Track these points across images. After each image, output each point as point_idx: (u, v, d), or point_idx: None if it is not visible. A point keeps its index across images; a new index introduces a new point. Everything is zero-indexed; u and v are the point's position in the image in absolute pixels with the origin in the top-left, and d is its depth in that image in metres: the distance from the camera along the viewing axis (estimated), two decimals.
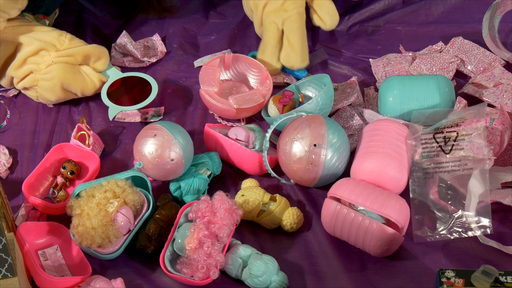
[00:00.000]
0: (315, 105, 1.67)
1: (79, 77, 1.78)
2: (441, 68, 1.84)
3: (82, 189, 1.50)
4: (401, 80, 1.72)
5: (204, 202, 1.48)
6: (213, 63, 1.84)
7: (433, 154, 1.55)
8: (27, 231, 1.47)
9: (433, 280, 1.42)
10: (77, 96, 1.82)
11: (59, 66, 1.75)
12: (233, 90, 1.87)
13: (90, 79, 1.79)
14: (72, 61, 1.77)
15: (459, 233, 1.49)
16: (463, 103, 1.70)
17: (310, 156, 1.56)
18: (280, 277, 1.43)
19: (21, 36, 1.77)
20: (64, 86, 1.77)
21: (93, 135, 1.70)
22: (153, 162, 1.55)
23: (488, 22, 1.89)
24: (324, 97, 1.68)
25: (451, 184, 1.53)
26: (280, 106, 1.73)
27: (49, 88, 1.76)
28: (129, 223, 1.49)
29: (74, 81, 1.77)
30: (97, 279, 1.42)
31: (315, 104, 1.67)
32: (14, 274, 1.26)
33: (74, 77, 1.77)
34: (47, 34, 1.78)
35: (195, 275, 1.42)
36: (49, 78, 1.75)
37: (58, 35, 1.78)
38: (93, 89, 1.81)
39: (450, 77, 1.83)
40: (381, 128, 1.59)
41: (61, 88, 1.77)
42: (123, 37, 1.94)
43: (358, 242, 1.47)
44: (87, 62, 1.80)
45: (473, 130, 1.54)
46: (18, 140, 1.76)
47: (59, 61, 1.76)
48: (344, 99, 1.79)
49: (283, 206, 1.55)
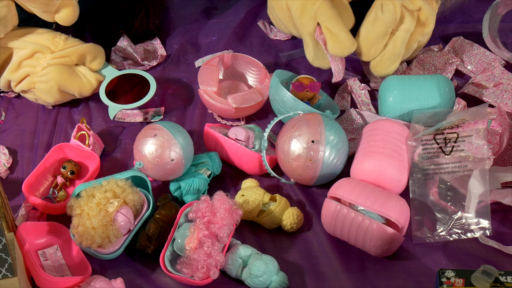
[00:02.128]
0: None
1: (76, 78, 1.77)
2: (440, 68, 1.84)
3: (82, 189, 1.50)
4: (401, 80, 1.72)
5: (204, 202, 1.48)
6: (212, 63, 1.84)
7: (433, 155, 1.55)
8: (27, 231, 1.47)
9: (433, 280, 1.42)
10: (75, 97, 1.81)
11: (55, 68, 1.75)
12: (232, 90, 1.87)
13: (87, 79, 1.79)
14: (68, 62, 1.76)
15: (459, 235, 1.49)
16: (462, 103, 1.70)
17: (309, 153, 1.56)
18: (280, 277, 1.43)
19: (16, 40, 1.76)
20: (61, 88, 1.77)
21: (93, 135, 1.70)
22: (153, 162, 1.55)
23: (488, 22, 1.89)
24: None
25: (451, 185, 1.53)
26: (304, 90, 1.73)
27: (46, 91, 1.76)
28: (129, 223, 1.49)
29: (71, 82, 1.77)
30: (97, 279, 1.42)
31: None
32: (14, 274, 1.26)
33: (71, 78, 1.76)
34: (41, 36, 1.77)
35: (195, 275, 1.42)
36: (46, 80, 1.75)
37: (52, 37, 1.77)
38: (91, 89, 1.80)
39: (449, 77, 1.83)
40: (381, 128, 1.59)
41: (58, 90, 1.77)
42: (123, 40, 1.94)
43: (358, 242, 1.48)
44: (83, 62, 1.79)
45: (474, 132, 1.54)
46: (18, 140, 1.76)
47: (55, 62, 1.75)
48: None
49: (283, 206, 1.55)
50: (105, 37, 1.99)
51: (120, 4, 1.99)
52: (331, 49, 1.71)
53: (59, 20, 1.78)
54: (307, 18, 1.71)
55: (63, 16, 1.77)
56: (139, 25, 1.99)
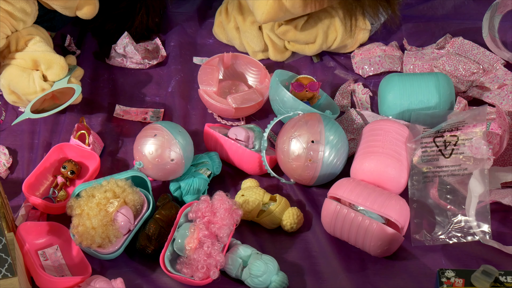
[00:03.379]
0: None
1: (23, 80, 1.73)
2: (462, 75, 1.82)
3: (82, 189, 1.50)
4: (401, 78, 1.72)
5: (204, 202, 1.48)
6: (212, 63, 1.84)
7: (432, 158, 1.55)
8: (27, 231, 1.47)
9: (433, 280, 1.42)
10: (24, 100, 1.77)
11: (9, 68, 1.73)
12: (232, 90, 1.87)
13: (34, 85, 1.73)
14: (22, 64, 1.74)
15: (458, 238, 1.49)
16: (463, 103, 1.69)
17: (309, 153, 1.56)
18: (280, 277, 1.43)
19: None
20: (11, 87, 1.74)
21: (93, 134, 1.70)
22: (153, 162, 1.55)
23: (488, 22, 1.89)
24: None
25: (451, 188, 1.53)
26: (303, 90, 1.73)
27: (2, 88, 1.76)
28: (129, 223, 1.49)
29: (17, 83, 1.73)
30: (97, 279, 1.42)
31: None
32: (14, 274, 1.26)
33: (18, 79, 1.73)
34: (15, 35, 1.76)
35: (195, 275, 1.42)
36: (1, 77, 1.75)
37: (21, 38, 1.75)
38: (33, 95, 1.74)
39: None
40: (381, 128, 1.59)
41: (9, 89, 1.74)
42: (125, 38, 1.94)
43: (358, 242, 1.47)
44: (37, 68, 1.76)
45: (473, 135, 1.53)
46: (18, 140, 1.76)
47: (11, 62, 1.74)
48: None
49: (283, 206, 1.55)
50: (106, 34, 1.99)
51: (120, 2, 1.99)
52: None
53: (81, 15, 1.82)
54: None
55: (85, 11, 1.81)
56: (139, 23, 1.99)
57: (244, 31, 1.93)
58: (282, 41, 1.93)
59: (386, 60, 1.89)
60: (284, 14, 1.80)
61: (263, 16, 1.79)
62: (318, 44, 1.90)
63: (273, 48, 1.93)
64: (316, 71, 1.93)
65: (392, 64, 1.89)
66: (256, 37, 1.93)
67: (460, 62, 1.82)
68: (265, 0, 1.77)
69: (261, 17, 1.80)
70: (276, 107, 1.73)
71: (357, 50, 1.94)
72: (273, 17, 1.80)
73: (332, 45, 1.92)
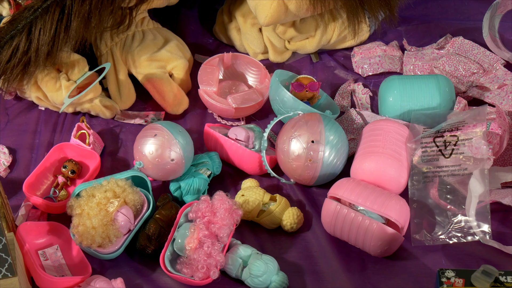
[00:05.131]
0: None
1: (51, 81, 1.74)
2: (462, 75, 1.82)
3: (82, 189, 1.50)
4: (401, 80, 1.72)
5: (204, 202, 1.48)
6: (212, 62, 1.84)
7: (433, 158, 1.55)
8: (27, 231, 1.47)
9: (433, 280, 1.42)
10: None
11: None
12: (232, 90, 1.87)
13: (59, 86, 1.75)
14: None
15: (458, 238, 1.49)
16: (463, 103, 1.69)
17: (309, 153, 1.56)
18: (280, 277, 1.43)
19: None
20: (38, 84, 1.75)
21: (93, 133, 1.70)
22: (153, 162, 1.55)
23: (488, 22, 1.89)
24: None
25: (451, 188, 1.53)
26: (303, 90, 1.73)
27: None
28: (129, 223, 1.49)
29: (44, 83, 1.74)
30: (97, 279, 1.42)
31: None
32: (14, 274, 1.26)
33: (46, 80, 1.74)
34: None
35: (195, 275, 1.42)
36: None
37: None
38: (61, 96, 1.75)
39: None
40: (381, 128, 1.59)
41: (35, 86, 1.75)
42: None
43: (358, 242, 1.48)
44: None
45: (473, 135, 1.53)
46: (19, 139, 1.76)
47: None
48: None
49: (283, 206, 1.55)
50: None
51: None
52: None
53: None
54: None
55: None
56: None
57: (245, 33, 1.93)
58: (282, 43, 1.92)
59: (386, 60, 1.89)
60: (288, 16, 1.80)
61: (267, 19, 1.79)
62: (318, 37, 1.89)
63: (273, 50, 1.93)
64: (316, 71, 1.93)
65: (392, 64, 1.89)
66: (256, 39, 1.92)
67: (460, 62, 1.82)
68: (269, 3, 1.76)
69: (264, 20, 1.79)
70: (276, 107, 1.73)
71: (357, 49, 1.94)
72: (276, 20, 1.79)
73: (332, 37, 1.91)
